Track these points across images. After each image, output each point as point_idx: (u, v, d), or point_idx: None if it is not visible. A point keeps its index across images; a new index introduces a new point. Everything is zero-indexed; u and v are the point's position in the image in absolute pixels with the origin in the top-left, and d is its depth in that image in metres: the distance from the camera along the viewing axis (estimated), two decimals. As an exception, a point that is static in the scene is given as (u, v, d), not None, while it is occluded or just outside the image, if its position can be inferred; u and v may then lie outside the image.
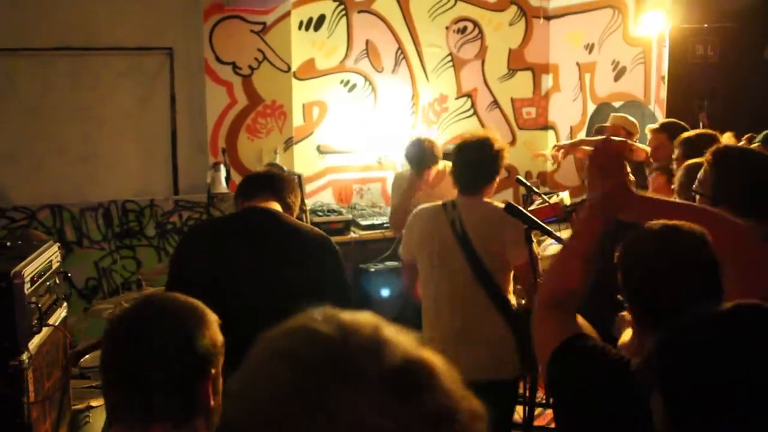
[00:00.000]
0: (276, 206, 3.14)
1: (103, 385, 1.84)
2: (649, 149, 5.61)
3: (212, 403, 1.83)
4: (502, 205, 3.78)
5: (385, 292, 6.59)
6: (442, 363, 0.87)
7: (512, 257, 3.85)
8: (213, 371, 1.83)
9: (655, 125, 5.50)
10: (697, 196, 2.91)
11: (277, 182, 3.25)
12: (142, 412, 1.75)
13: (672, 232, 2.06)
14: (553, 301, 2.18)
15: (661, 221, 2.10)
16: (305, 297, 2.80)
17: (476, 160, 3.95)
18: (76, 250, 6.45)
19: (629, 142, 6.15)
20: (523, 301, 3.98)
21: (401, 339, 0.86)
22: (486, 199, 3.98)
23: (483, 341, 3.82)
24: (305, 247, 3.04)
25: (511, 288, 3.99)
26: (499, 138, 4.08)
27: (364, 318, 0.88)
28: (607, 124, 6.19)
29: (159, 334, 1.77)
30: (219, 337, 1.85)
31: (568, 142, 6.31)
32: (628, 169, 2.36)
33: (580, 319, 2.21)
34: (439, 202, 4.05)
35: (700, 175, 2.94)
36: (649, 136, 5.44)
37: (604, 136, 5.63)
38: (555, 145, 6.16)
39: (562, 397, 2.15)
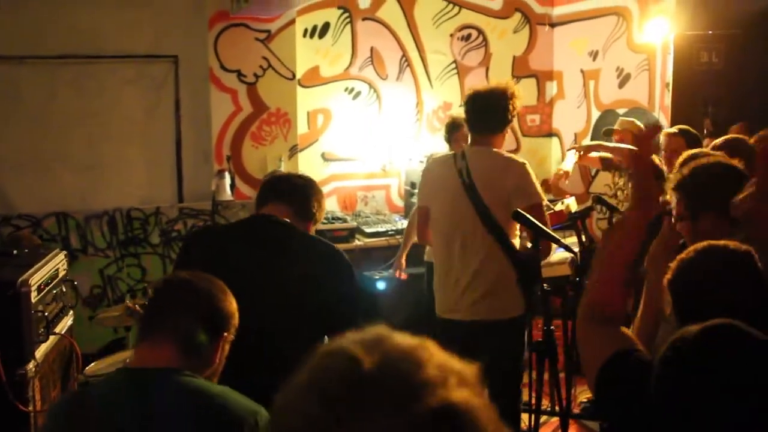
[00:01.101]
0: (285, 213, 2.94)
1: (146, 309, 2.23)
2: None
3: (216, 360, 2.14)
4: (509, 154, 4.04)
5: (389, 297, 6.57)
6: (480, 403, 0.85)
7: (516, 203, 3.91)
8: (225, 334, 2.15)
9: (673, 129, 5.50)
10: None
11: (289, 187, 3.04)
12: (169, 330, 2.08)
13: (715, 252, 2.08)
14: (597, 316, 2.12)
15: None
16: (311, 313, 2.77)
17: (485, 108, 4.11)
18: (81, 258, 6.45)
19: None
20: (529, 245, 4.00)
21: (446, 378, 0.84)
22: (495, 149, 4.11)
23: (490, 284, 4.01)
24: (311, 260, 2.85)
25: (517, 233, 4.12)
26: (512, 85, 4.23)
27: (411, 349, 0.86)
28: (616, 127, 6.18)
29: (196, 287, 2.14)
30: (234, 309, 2.19)
31: (585, 145, 6.29)
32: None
33: (627, 332, 2.10)
34: (450, 152, 4.21)
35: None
36: (663, 139, 5.45)
37: (625, 146, 5.69)
38: (572, 147, 6.15)
39: (615, 418, 2.03)
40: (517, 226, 4.05)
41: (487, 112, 4.13)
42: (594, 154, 6.76)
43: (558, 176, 6.01)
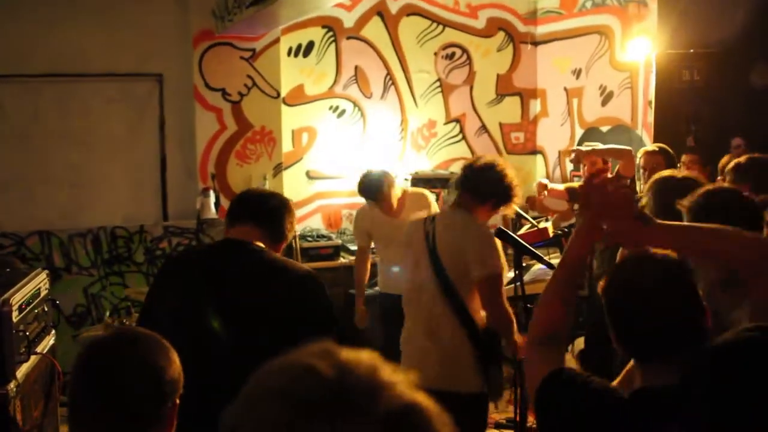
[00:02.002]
0: (256, 235, 2.82)
1: (70, 416, 1.85)
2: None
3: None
4: (482, 223, 3.80)
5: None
6: (435, 408, 0.86)
7: (474, 272, 3.78)
8: (177, 401, 1.87)
9: (652, 147, 5.54)
10: None
11: (262, 208, 2.90)
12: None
13: (647, 261, 2.08)
14: (540, 339, 2.19)
15: (638, 251, 2.13)
16: (282, 341, 2.70)
17: (470, 178, 3.95)
18: (64, 277, 6.42)
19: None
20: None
21: (399, 381, 0.85)
22: (465, 215, 3.91)
23: (439, 352, 3.84)
24: (281, 287, 2.72)
25: (479, 305, 3.93)
26: (507, 166, 4.06)
27: (363, 357, 0.87)
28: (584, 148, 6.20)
29: (136, 360, 1.80)
30: (179, 366, 1.88)
31: (578, 149, 6.31)
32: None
33: (568, 356, 2.22)
34: (424, 214, 4.13)
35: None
36: (641, 157, 5.51)
37: (617, 146, 5.75)
38: (570, 150, 6.17)
39: (548, 430, 2.12)
40: (477, 297, 3.89)
41: (469, 184, 3.95)
42: (560, 187, 6.84)
43: (539, 189, 6.05)
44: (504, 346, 3.98)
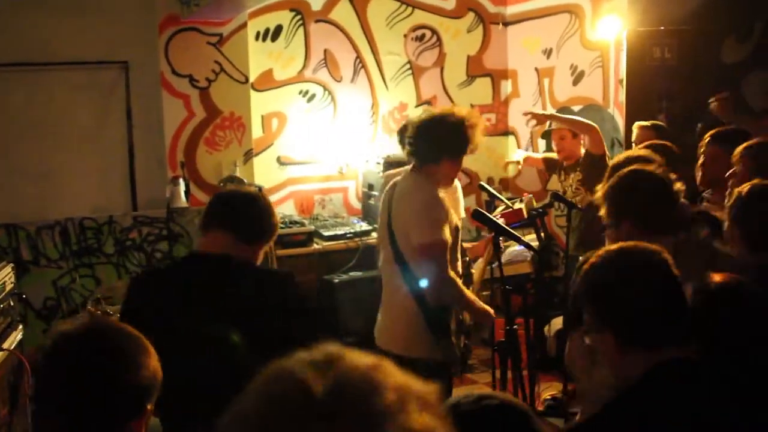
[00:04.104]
0: (229, 241, 2.75)
1: (36, 408, 1.74)
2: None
3: None
4: (427, 190, 3.70)
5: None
6: (443, 428, 0.79)
7: (411, 239, 3.70)
8: (149, 407, 1.76)
9: (646, 123, 5.66)
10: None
11: (235, 215, 2.80)
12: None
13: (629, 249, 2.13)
14: None
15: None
16: (260, 350, 2.65)
17: (421, 135, 3.77)
18: (32, 270, 6.30)
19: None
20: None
21: (403, 402, 0.77)
22: (419, 180, 3.78)
23: (393, 317, 3.88)
24: (253, 294, 2.67)
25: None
26: (465, 113, 3.83)
27: (364, 373, 0.79)
28: (553, 127, 6.22)
29: (102, 364, 1.69)
30: (159, 371, 1.77)
31: (540, 113, 6.32)
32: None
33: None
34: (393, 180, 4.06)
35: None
36: (635, 131, 5.64)
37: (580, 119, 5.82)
38: (527, 112, 6.19)
39: None
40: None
41: (419, 142, 3.78)
42: (537, 155, 6.87)
43: (508, 166, 6.08)
44: (464, 319, 3.92)
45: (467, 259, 4.16)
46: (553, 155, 6.43)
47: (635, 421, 1.86)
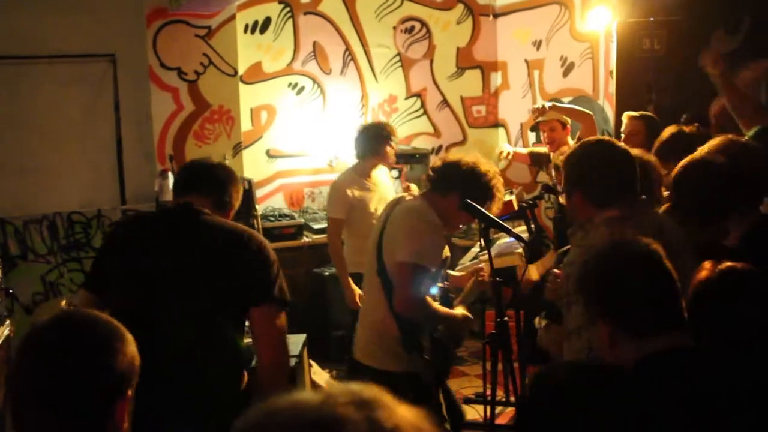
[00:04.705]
0: (201, 205, 2.97)
1: (11, 403, 1.70)
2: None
3: (125, 425, 1.73)
4: (427, 215, 3.69)
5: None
6: None
7: (397, 253, 3.65)
8: (129, 393, 1.74)
9: (635, 113, 5.66)
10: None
11: (205, 178, 3.09)
12: None
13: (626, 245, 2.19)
14: None
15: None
16: (223, 296, 2.86)
17: (435, 169, 3.87)
18: (20, 265, 6.26)
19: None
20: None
21: None
22: (422, 206, 3.78)
23: (368, 328, 3.87)
24: (220, 245, 2.86)
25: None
26: (481, 164, 3.81)
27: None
28: (543, 119, 6.22)
29: (78, 352, 1.67)
30: (137, 356, 1.76)
31: (545, 105, 6.33)
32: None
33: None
34: (399, 196, 4.06)
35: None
36: (624, 121, 5.63)
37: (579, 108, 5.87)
38: (534, 109, 6.19)
39: None
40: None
41: (441, 169, 3.84)
42: (523, 151, 6.89)
43: (501, 157, 6.08)
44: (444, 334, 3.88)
45: (446, 284, 4.10)
46: (539, 149, 6.44)
47: (627, 410, 1.86)
